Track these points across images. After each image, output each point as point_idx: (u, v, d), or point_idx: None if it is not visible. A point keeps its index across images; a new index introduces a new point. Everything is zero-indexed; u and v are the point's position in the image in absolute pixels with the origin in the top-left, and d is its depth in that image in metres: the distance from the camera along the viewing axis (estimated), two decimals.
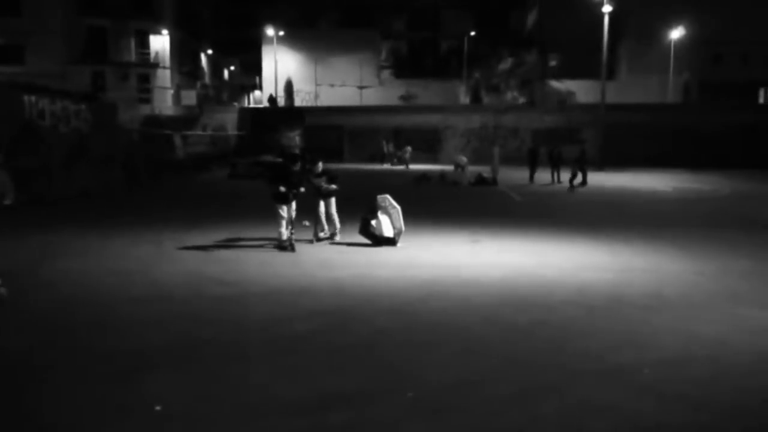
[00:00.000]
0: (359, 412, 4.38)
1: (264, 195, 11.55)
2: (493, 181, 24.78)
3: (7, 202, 6.39)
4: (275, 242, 10.60)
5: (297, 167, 10.66)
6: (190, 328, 6.22)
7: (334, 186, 11.25)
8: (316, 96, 53.95)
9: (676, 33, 48.04)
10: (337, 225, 11.37)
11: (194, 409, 4.42)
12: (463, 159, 29.22)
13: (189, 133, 38.20)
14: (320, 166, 11.42)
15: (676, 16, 46.97)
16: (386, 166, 37.79)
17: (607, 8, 34.58)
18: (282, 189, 10.22)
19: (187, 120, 42.21)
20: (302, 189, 10.72)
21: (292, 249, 10.17)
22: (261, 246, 10.66)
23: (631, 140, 38.96)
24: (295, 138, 40.17)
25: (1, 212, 13.87)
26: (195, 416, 4.31)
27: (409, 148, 37.55)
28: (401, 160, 37.25)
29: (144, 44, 48.30)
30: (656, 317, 6.70)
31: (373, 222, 10.76)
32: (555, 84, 52.68)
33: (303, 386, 4.80)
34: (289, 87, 55.17)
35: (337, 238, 11.27)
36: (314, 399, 4.57)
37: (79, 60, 45.02)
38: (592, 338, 5.98)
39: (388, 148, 40.30)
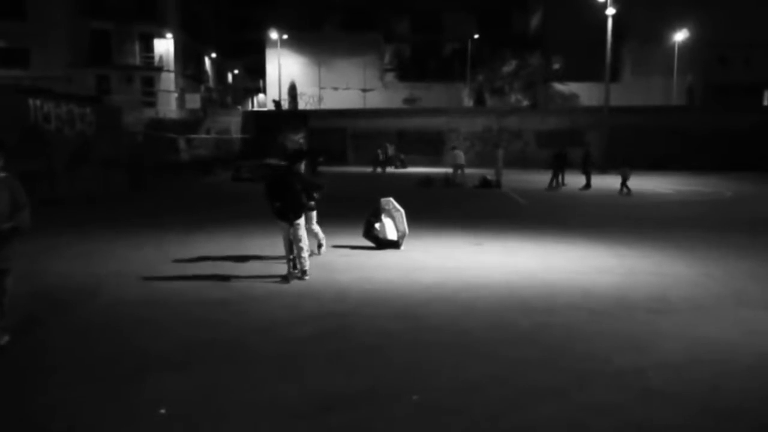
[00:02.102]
0: (363, 415, 4.38)
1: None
2: (497, 184, 24.75)
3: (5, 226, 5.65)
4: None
5: (300, 167, 8.82)
6: (192, 330, 6.22)
7: (313, 200, 9.30)
8: (320, 99, 54.03)
9: (680, 35, 47.96)
10: (321, 236, 10.05)
11: (198, 411, 4.42)
12: (461, 155, 27.39)
13: (193, 136, 38.30)
14: (302, 168, 9.03)
15: (680, 17, 46.90)
16: (390, 170, 37.77)
17: (610, 10, 34.57)
18: (277, 204, 8.45)
19: (191, 123, 42.30)
20: (312, 202, 9.28)
21: (286, 279, 8.37)
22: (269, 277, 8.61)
23: (634, 143, 38.91)
24: (299, 141, 40.23)
25: None
26: (199, 419, 4.31)
27: (379, 151, 37.11)
28: (390, 162, 37.04)
29: (148, 48, 48.43)
30: (661, 320, 6.68)
31: (377, 225, 10.76)
32: (558, 86, 52.65)
33: (305, 389, 4.80)
34: (292, 90, 55.26)
35: (323, 250, 10.15)
36: (317, 401, 4.56)
37: (84, 63, 45.15)
38: (596, 341, 5.97)
39: (391, 150, 40.29)
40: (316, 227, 9.97)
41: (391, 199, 10.98)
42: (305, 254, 8.54)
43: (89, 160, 19.40)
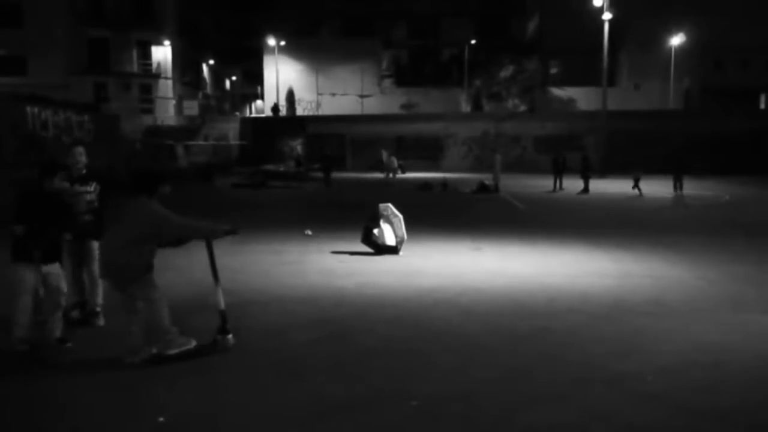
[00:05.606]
0: (362, 421, 4.38)
1: (266, 204, 11.42)
2: (495, 189, 24.80)
3: None
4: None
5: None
6: (191, 337, 6.20)
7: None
8: (318, 105, 54.07)
9: (677, 39, 48.10)
10: (99, 299, 6.57)
11: (196, 417, 4.41)
12: (394, 160, 31.00)
13: (191, 143, 38.33)
14: (82, 157, 6.38)
15: (677, 22, 47.05)
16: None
17: (607, 15, 34.69)
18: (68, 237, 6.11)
19: (189, 130, 42.34)
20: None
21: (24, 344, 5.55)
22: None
23: (632, 147, 38.94)
24: (297, 147, 40.31)
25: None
26: (196, 425, 4.31)
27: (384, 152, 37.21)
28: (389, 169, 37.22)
29: (146, 55, 48.49)
30: (659, 324, 6.69)
31: (375, 231, 10.76)
32: (556, 91, 52.74)
33: (305, 395, 4.79)
34: (290, 96, 55.30)
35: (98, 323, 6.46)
36: (317, 408, 4.56)
37: (82, 71, 45.19)
38: (594, 345, 5.97)
39: (384, 156, 40.25)
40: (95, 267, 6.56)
41: (390, 204, 10.99)
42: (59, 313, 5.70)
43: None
